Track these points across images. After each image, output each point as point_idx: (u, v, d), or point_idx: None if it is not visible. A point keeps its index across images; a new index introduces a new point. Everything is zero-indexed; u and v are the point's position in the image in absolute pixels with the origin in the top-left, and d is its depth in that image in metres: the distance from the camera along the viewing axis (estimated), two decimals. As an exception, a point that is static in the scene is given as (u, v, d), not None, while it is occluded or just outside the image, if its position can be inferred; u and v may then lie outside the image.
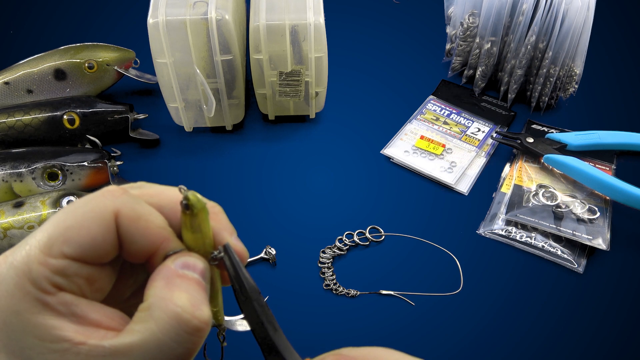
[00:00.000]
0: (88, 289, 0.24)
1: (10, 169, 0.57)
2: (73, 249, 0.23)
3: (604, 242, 0.56)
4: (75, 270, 0.23)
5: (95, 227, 0.23)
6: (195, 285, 0.24)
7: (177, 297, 0.23)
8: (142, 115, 0.66)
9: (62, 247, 0.22)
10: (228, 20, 0.58)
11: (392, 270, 0.56)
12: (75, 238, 0.23)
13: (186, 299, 0.23)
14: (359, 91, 0.73)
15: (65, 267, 0.23)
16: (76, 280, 0.23)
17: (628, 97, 0.73)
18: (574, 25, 0.62)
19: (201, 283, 0.24)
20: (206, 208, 0.25)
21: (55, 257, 0.22)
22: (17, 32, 0.82)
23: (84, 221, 0.23)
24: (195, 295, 0.23)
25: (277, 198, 0.62)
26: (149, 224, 0.24)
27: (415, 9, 0.85)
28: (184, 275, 0.24)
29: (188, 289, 0.23)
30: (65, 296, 0.23)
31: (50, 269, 0.22)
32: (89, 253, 0.23)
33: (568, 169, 0.61)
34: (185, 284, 0.24)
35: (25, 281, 0.22)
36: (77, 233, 0.23)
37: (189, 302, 0.23)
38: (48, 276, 0.22)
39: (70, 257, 0.23)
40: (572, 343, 0.51)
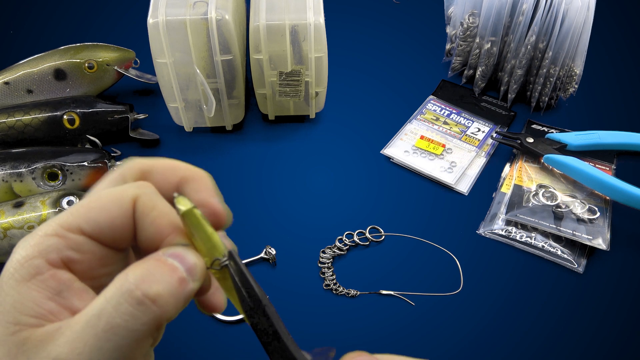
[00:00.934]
0: (100, 270, 0.24)
1: (10, 169, 0.57)
2: (91, 227, 0.24)
3: (604, 242, 0.56)
4: (90, 248, 0.24)
5: (114, 208, 0.24)
6: (163, 268, 0.23)
7: (133, 270, 0.22)
8: (142, 115, 0.66)
9: (80, 224, 0.23)
10: (228, 20, 0.58)
11: (392, 270, 0.56)
12: (95, 217, 0.24)
13: (140, 273, 0.22)
14: (359, 91, 0.73)
15: (82, 243, 0.23)
16: (89, 258, 0.24)
17: (628, 97, 0.73)
18: (574, 25, 0.62)
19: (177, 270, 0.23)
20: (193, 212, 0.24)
21: (73, 232, 0.23)
22: (17, 32, 0.82)
23: (105, 203, 0.24)
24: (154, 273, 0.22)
25: (277, 198, 0.62)
26: (161, 215, 0.24)
27: (415, 9, 0.85)
28: (163, 259, 0.23)
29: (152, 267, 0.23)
30: (63, 274, 0.23)
31: (67, 242, 0.23)
32: (105, 233, 0.24)
33: (568, 169, 0.61)
34: (155, 264, 0.23)
35: (35, 251, 0.23)
36: (97, 213, 0.24)
37: (142, 275, 0.22)
38: (62, 249, 0.23)
39: (87, 234, 0.24)
40: (572, 343, 0.51)
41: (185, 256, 0.24)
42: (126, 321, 0.21)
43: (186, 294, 0.23)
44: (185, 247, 0.24)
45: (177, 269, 0.23)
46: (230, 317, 0.52)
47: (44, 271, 0.23)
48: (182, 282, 0.23)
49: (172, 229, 0.24)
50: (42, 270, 0.22)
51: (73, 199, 0.54)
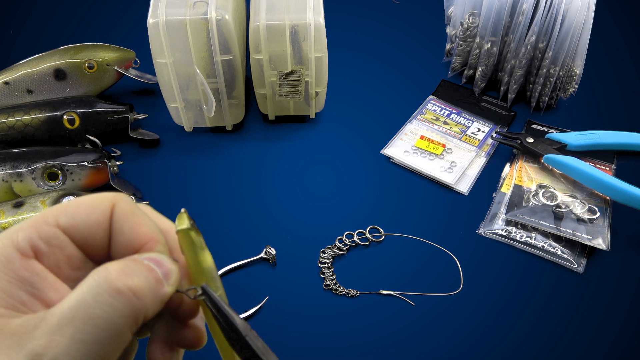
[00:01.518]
0: (66, 271, 0.24)
1: (10, 169, 0.57)
2: (66, 219, 0.24)
3: (604, 242, 0.56)
4: (61, 243, 0.24)
5: (91, 209, 0.24)
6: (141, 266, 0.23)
7: (112, 263, 0.22)
8: (142, 115, 0.66)
9: (58, 216, 0.24)
10: (228, 20, 0.58)
11: (392, 270, 0.56)
12: (72, 212, 0.24)
13: (120, 266, 0.22)
14: (359, 91, 0.73)
15: (53, 234, 0.23)
16: (58, 253, 0.23)
17: (628, 97, 0.73)
18: (574, 25, 0.62)
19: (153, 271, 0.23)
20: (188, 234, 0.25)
21: (47, 224, 0.23)
22: (17, 32, 0.82)
23: (83, 202, 0.24)
24: (134, 269, 0.22)
25: (277, 198, 0.62)
26: (140, 222, 0.25)
27: (415, 9, 0.85)
28: (140, 261, 0.23)
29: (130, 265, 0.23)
30: (35, 265, 0.23)
31: (39, 232, 0.23)
32: (79, 228, 0.24)
33: (568, 169, 0.61)
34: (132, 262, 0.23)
35: (6, 240, 0.23)
36: (74, 208, 0.24)
37: (121, 268, 0.22)
38: (32, 238, 0.23)
39: (62, 228, 0.24)
40: (572, 343, 0.51)
41: (161, 261, 0.24)
42: (106, 312, 0.21)
43: (162, 295, 0.23)
44: (162, 254, 0.24)
45: (154, 270, 0.23)
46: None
47: (15, 261, 0.22)
48: (159, 282, 0.23)
49: (150, 238, 0.24)
50: (13, 260, 0.22)
51: (73, 198, 0.54)
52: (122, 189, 0.59)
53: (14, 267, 0.22)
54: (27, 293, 0.22)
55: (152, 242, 0.24)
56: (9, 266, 0.22)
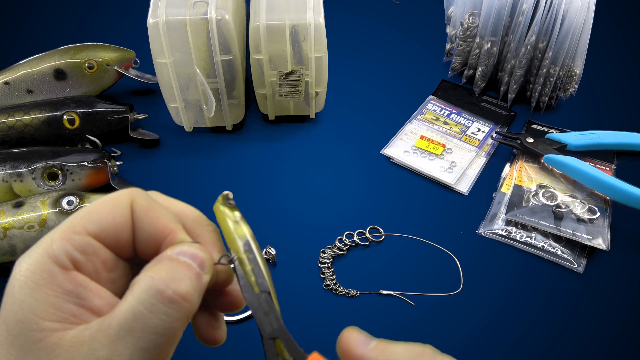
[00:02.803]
0: (104, 275, 0.24)
1: (10, 169, 0.57)
2: (95, 226, 0.24)
3: (604, 242, 0.56)
4: (95, 249, 0.24)
5: (114, 209, 0.25)
6: (181, 266, 0.24)
7: (156, 271, 0.23)
8: (142, 115, 0.66)
9: (85, 224, 0.24)
10: (228, 20, 0.58)
11: (392, 270, 0.56)
12: (97, 217, 0.24)
13: (165, 272, 0.23)
14: (359, 91, 0.73)
15: (87, 243, 0.24)
16: (94, 260, 0.24)
17: (628, 97, 0.73)
18: (574, 25, 0.62)
19: (192, 267, 0.24)
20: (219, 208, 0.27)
21: (78, 234, 0.24)
22: (17, 32, 0.82)
23: (105, 204, 0.25)
24: (177, 272, 0.23)
25: (277, 198, 0.62)
26: (159, 215, 0.25)
27: (415, 9, 0.85)
28: (176, 258, 0.24)
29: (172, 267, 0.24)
30: (77, 276, 0.23)
31: (73, 243, 0.23)
32: (108, 232, 0.24)
33: (568, 169, 0.61)
34: (172, 263, 0.24)
35: (44, 256, 0.23)
36: (99, 213, 0.24)
37: (168, 275, 0.23)
38: (69, 250, 0.23)
39: (92, 234, 0.24)
40: (572, 343, 0.51)
41: (195, 252, 0.25)
42: (163, 320, 0.22)
43: (203, 286, 0.24)
44: (192, 244, 0.25)
45: (192, 266, 0.24)
46: (231, 317, 0.52)
47: (58, 275, 0.23)
48: (199, 277, 0.24)
49: (170, 229, 0.25)
50: (56, 274, 0.23)
51: (73, 199, 0.54)
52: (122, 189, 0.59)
53: (57, 281, 0.23)
54: (75, 305, 0.23)
55: (172, 234, 0.25)
56: (53, 281, 0.22)
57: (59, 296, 0.22)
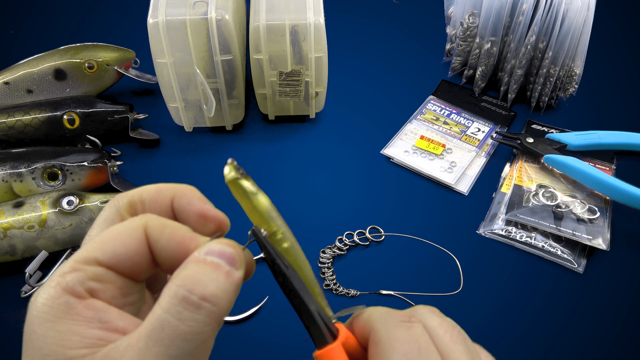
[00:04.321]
0: (121, 300, 0.24)
1: (10, 169, 0.57)
2: (107, 257, 0.24)
3: (604, 242, 0.56)
4: (110, 278, 0.24)
5: (127, 238, 0.24)
6: (208, 268, 0.23)
7: (181, 277, 0.23)
8: (142, 115, 0.66)
9: (96, 255, 0.23)
10: (228, 20, 0.58)
11: (392, 270, 0.56)
12: (110, 248, 0.24)
13: (189, 277, 0.23)
14: (359, 91, 0.73)
15: (100, 273, 0.23)
16: (110, 288, 0.24)
17: (628, 97, 0.73)
18: (574, 25, 0.62)
19: (221, 266, 0.23)
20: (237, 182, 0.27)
21: (90, 264, 0.23)
22: (17, 32, 0.82)
23: (117, 234, 0.24)
24: (203, 275, 0.23)
25: (277, 198, 0.62)
26: (175, 230, 0.25)
27: (415, 9, 0.85)
28: (203, 259, 0.23)
29: (197, 270, 0.23)
30: (94, 302, 0.23)
31: (86, 273, 0.23)
32: (122, 262, 0.24)
33: (568, 169, 0.61)
34: (198, 266, 0.23)
35: (59, 289, 0.23)
36: (111, 243, 0.24)
37: (192, 280, 0.22)
38: (83, 280, 0.23)
39: (104, 265, 0.24)
40: (572, 343, 0.51)
41: (222, 249, 0.24)
42: (191, 327, 0.22)
43: (235, 284, 0.24)
44: (219, 241, 0.25)
45: (220, 265, 0.23)
46: (231, 317, 0.52)
47: (76, 305, 0.22)
48: (229, 275, 0.23)
49: (191, 238, 0.25)
50: (74, 305, 0.22)
51: (73, 199, 0.54)
52: (122, 189, 0.59)
53: (77, 310, 0.22)
54: (99, 329, 0.22)
55: (194, 241, 0.24)
56: (72, 311, 0.22)
57: (81, 324, 0.22)
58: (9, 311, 0.52)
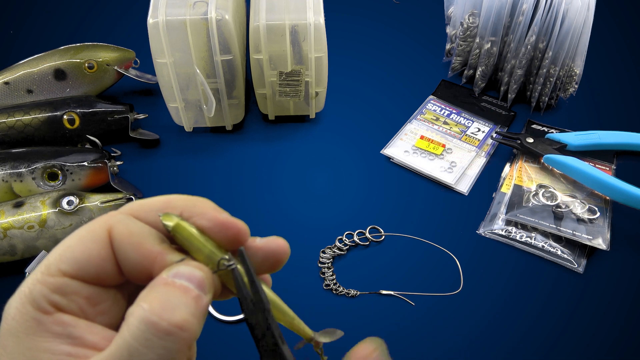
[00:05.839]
0: (91, 310, 0.23)
1: (10, 169, 0.57)
2: (70, 266, 0.23)
3: (604, 242, 0.56)
4: (75, 289, 0.23)
5: (90, 244, 0.23)
6: (177, 291, 0.22)
7: (149, 300, 0.22)
8: (142, 115, 0.66)
9: (59, 265, 0.23)
10: (228, 20, 0.58)
11: (392, 270, 0.56)
12: (71, 255, 0.23)
13: (158, 302, 0.21)
14: (359, 91, 0.73)
15: (64, 284, 0.23)
16: (76, 299, 0.23)
17: (628, 97, 0.73)
18: (574, 25, 0.62)
19: (190, 290, 0.22)
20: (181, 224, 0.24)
21: (53, 276, 0.23)
22: (17, 32, 0.82)
23: (80, 239, 0.23)
24: (171, 299, 0.22)
25: (277, 198, 0.62)
26: (141, 239, 0.24)
27: (415, 9, 0.85)
28: (171, 282, 0.22)
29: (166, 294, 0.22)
30: (62, 317, 0.22)
31: (49, 287, 0.22)
32: (86, 269, 0.23)
33: (568, 169, 0.61)
34: (166, 289, 0.22)
35: (25, 303, 0.22)
36: (73, 250, 0.23)
37: (160, 304, 0.21)
38: (46, 294, 0.22)
39: (68, 275, 0.23)
40: (572, 343, 0.51)
41: (191, 272, 0.23)
42: (160, 355, 0.21)
43: (203, 309, 0.23)
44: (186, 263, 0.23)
45: (189, 288, 0.22)
46: (231, 317, 0.52)
47: (44, 320, 0.22)
48: (198, 299, 0.22)
49: (158, 250, 0.24)
50: (42, 320, 0.22)
51: (73, 199, 0.54)
52: (122, 189, 0.59)
53: (45, 327, 0.22)
54: (69, 344, 0.22)
55: (160, 256, 0.23)
56: (40, 327, 0.22)
57: (49, 340, 0.22)
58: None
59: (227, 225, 0.25)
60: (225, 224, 0.25)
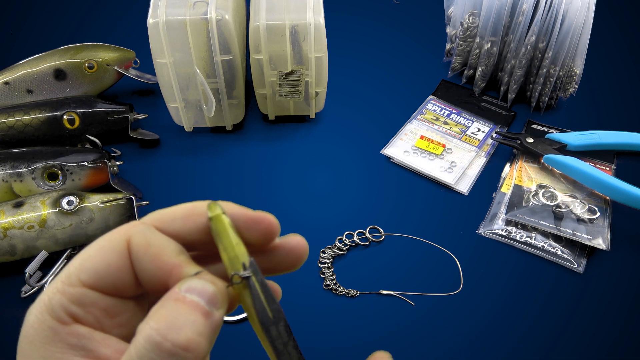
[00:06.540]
0: (108, 322, 0.23)
1: (10, 169, 0.57)
2: (89, 276, 0.23)
3: (604, 242, 0.56)
4: (93, 300, 0.23)
5: (109, 255, 0.23)
6: (186, 308, 0.22)
7: (156, 319, 0.21)
8: (142, 115, 0.66)
9: (79, 275, 0.23)
10: (228, 20, 0.58)
11: (392, 270, 0.56)
12: (91, 265, 0.23)
13: (164, 320, 0.21)
14: (359, 91, 0.73)
15: (82, 295, 0.23)
16: (93, 311, 0.23)
17: (628, 97, 0.73)
18: (574, 25, 0.62)
19: (200, 307, 0.22)
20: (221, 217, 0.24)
21: (73, 286, 0.23)
22: (17, 32, 0.82)
23: (99, 250, 0.23)
24: (179, 317, 0.21)
25: (277, 198, 0.62)
26: (159, 251, 0.23)
27: (415, 9, 0.85)
28: (182, 298, 0.22)
29: (175, 311, 0.21)
30: (79, 328, 0.22)
31: (68, 297, 0.23)
32: (104, 280, 0.23)
33: (568, 169, 0.61)
34: (176, 305, 0.22)
35: (44, 312, 0.22)
36: (92, 261, 0.23)
37: (166, 323, 0.21)
38: (65, 305, 0.22)
39: (88, 285, 0.23)
40: (572, 343, 0.51)
41: (203, 287, 0.22)
42: None
43: (214, 325, 0.22)
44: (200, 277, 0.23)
45: (198, 305, 0.22)
46: (230, 317, 0.52)
47: (60, 330, 0.22)
48: (208, 316, 0.22)
49: (175, 263, 0.23)
50: (58, 330, 0.22)
51: (73, 199, 0.54)
52: (122, 189, 0.59)
53: (60, 337, 0.22)
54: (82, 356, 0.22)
55: (176, 269, 0.23)
56: (56, 337, 0.22)
57: (64, 351, 0.22)
58: (9, 311, 0.52)
59: (257, 220, 0.25)
60: (255, 219, 0.25)
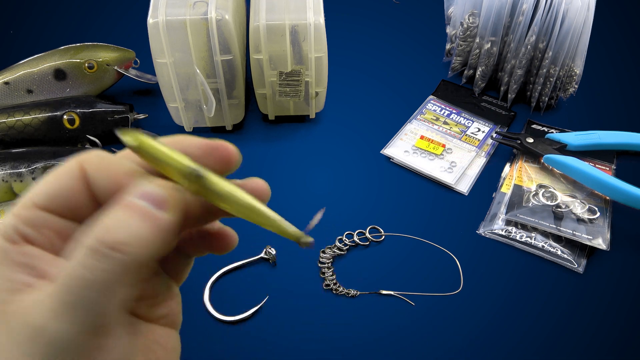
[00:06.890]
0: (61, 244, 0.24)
1: (10, 169, 0.57)
2: (41, 198, 0.23)
3: (604, 242, 0.56)
4: (45, 221, 0.23)
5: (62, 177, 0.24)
6: (127, 212, 0.21)
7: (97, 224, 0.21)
8: (142, 115, 0.66)
9: (33, 198, 0.23)
10: (228, 20, 0.58)
11: (392, 270, 0.56)
12: (44, 189, 0.24)
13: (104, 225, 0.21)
14: (359, 91, 0.73)
15: (35, 216, 0.23)
16: (46, 232, 0.23)
17: (628, 97, 0.73)
18: (574, 25, 0.62)
19: (139, 208, 0.21)
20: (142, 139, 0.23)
21: (26, 208, 0.23)
22: (17, 32, 0.82)
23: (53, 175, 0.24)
24: (118, 220, 0.21)
25: (277, 198, 0.62)
26: (110, 165, 0.24)
27: (415, 9, 0.85)
28: (127, 203, 0.22)
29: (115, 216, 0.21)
30: (29, 248, 0.23)
31: (21, 218, 0.23)
32: (57, 201, 0.24)
33: (568, 169, 0.61)
34: (116, 211, 0.21)
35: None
36: (46, 185, 0.24)
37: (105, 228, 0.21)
38: (16, 226, 0.23)
39: (40, 207, 0.23)
40: (572, 343, 0.51)
41: (148, 190, 0.22)
42: (95, 275, 0.20)
43: (162, 228, 0.22)
44: (151, 182, 0.22)
45: (139, 206, 0.21)
46: (231, 317, 0.52)
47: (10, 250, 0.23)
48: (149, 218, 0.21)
49: (126, 174, 0.23)
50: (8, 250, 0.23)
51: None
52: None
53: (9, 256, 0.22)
54: (27, 274, 0.22)
55: (126, 179, 0.23)
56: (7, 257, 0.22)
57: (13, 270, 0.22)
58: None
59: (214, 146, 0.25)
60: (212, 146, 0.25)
